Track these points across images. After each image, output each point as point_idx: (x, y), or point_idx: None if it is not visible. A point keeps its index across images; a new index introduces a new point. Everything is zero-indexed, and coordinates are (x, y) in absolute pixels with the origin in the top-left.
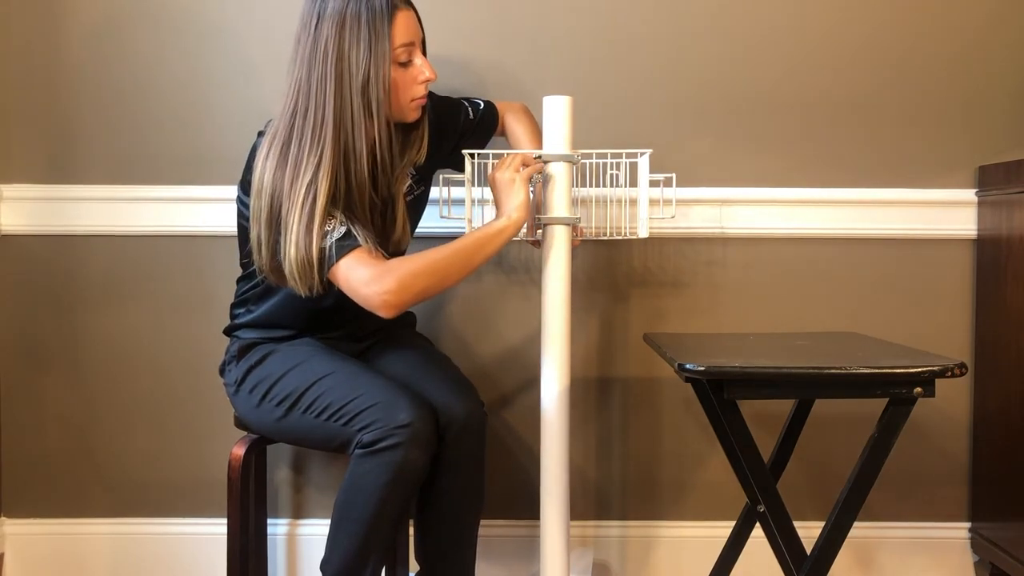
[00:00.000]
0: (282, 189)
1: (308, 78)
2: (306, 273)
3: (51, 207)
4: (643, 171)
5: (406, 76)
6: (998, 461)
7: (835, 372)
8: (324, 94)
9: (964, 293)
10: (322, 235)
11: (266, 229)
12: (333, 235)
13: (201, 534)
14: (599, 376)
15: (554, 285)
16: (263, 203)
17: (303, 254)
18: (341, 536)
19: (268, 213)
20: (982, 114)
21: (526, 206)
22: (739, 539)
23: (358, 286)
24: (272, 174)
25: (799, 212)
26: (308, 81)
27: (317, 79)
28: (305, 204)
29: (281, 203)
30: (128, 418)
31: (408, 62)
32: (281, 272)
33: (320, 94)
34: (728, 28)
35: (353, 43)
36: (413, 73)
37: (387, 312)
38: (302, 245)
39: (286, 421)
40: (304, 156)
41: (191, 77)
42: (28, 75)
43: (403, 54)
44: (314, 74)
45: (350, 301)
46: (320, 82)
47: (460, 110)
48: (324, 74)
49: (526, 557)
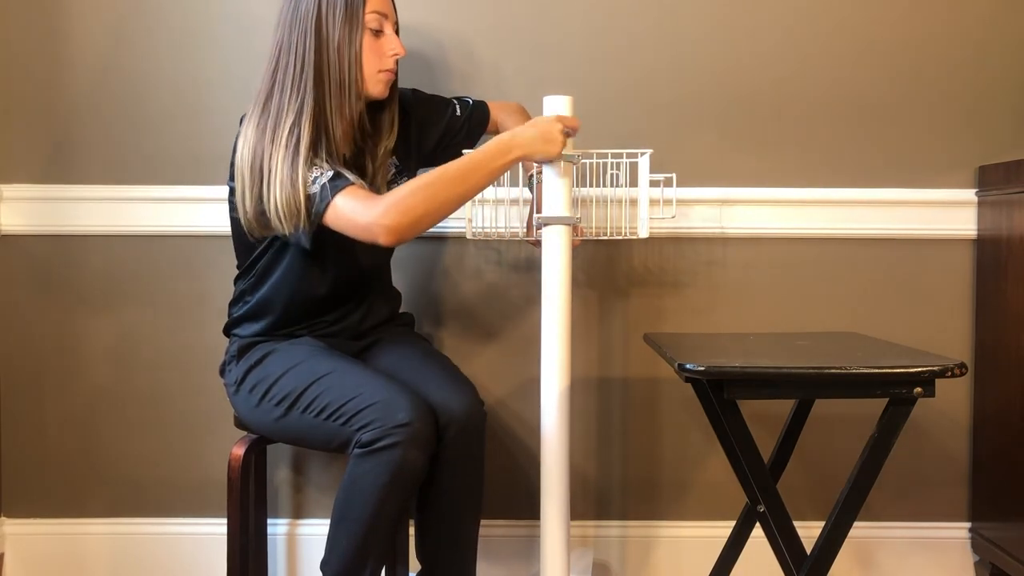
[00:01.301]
0: (264, 137)
1: (289, 38)
2: (292, 212)
3: (51, 207)
4: (643, 171)
5: (376, 44)
6: (998, 461)
7: (835, 372)
8: (304, 49)
9: (964, 293)
10: (308, 179)
11: (249, 178)
12: (322, 179)
13: (201, 534)
14: (599, 376)
15: (554, 285)
16: (246, 154)
17: (288, 192)
18: (340, 536)
19: (251, 163)
20: (982, 114)
21: (541, 146)
22: (739, 539)
23: (355, 217)
24: (255, 126)
25: (799, 212)
26: (289, 40)
27: (297, 38)
28: (289, 144)
29: (263, 150)
30: (128, 418)
31: (379, 31)
32: (265, 220)
33: (300, 50)
34: (728, 28)
35: (331, 6)
36: (383, 43)
37: (389, 238)
38: (287, 183)
39: (285, 421)
40: (285, 104)
41: (189, 77)
42: (28, 75)
43: (374, 20)
44: (295, 34)
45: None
46: (300, 39)
47: (448, 106)
48: (304, 31)
49: (526, 557)
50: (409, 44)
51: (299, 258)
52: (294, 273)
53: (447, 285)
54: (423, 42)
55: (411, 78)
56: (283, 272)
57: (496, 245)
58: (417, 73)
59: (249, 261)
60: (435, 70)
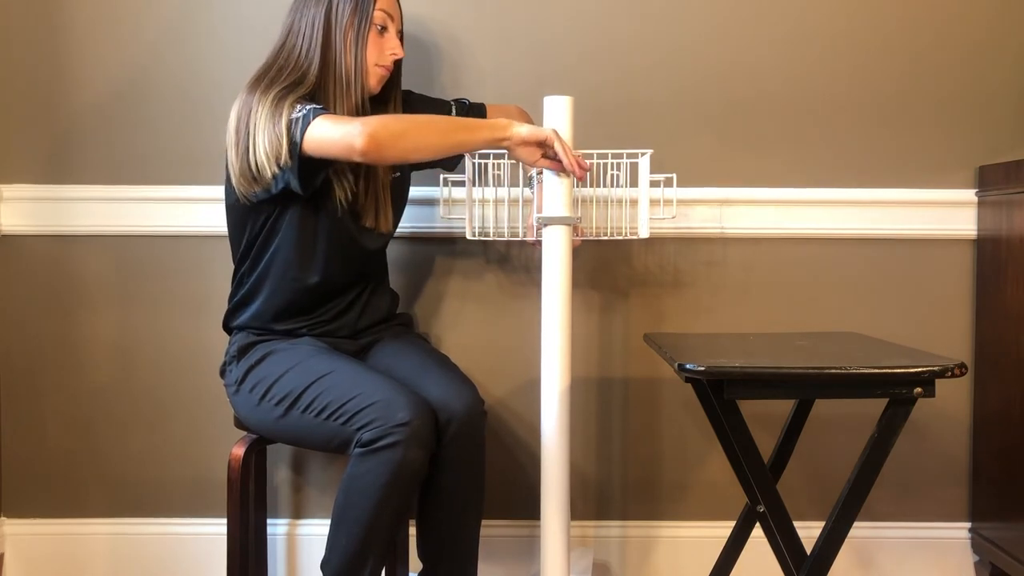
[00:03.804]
0: (252, 101)
1: (299, 22)
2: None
3: (51, 207)
4: (643, 171)
5: (379, 41)
6: (998, 461)
7: (835, 372)
8: (312, 32)
9: (964, 293)
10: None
11: (236, 133)
12: (303, 109)
13: (201, 534)
14: (599, 376)
15: (554, 285)
16: (232, 117)
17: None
18: (341, 536)
19: (236, 125)
20: (982, 114)
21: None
22: (739, 539)
23: (335, 133)
24: (245, 96)
25: (799, 212)
26: (299, 24)
27: (307, 22)
28: (274, 102)
29: (251, 111)
30: (128, 418)
31: (384, 28)
32: (251, 172)
33: (308, 32)
34: (728, 28)
35: None
36: (384, 42)
37: (368, 145)
38: (270, 131)
39: (285, 420)
40: (282, 77)
41: (190, 77)
42: (28, 76)
43: (381, 18)
44: (304, 19)
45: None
46: (309, 24)
47: (445, 107)
48: (314, 16)
49: (526, 557)
50: (409, 44)
51: (292, 234)
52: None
53: (447, 285)
54: (423, 42)
55: (411, 78)
56: (276, 247)
57: (496, 245)
58: (417, 73)
59: (244, 245)
60: (435, 70)
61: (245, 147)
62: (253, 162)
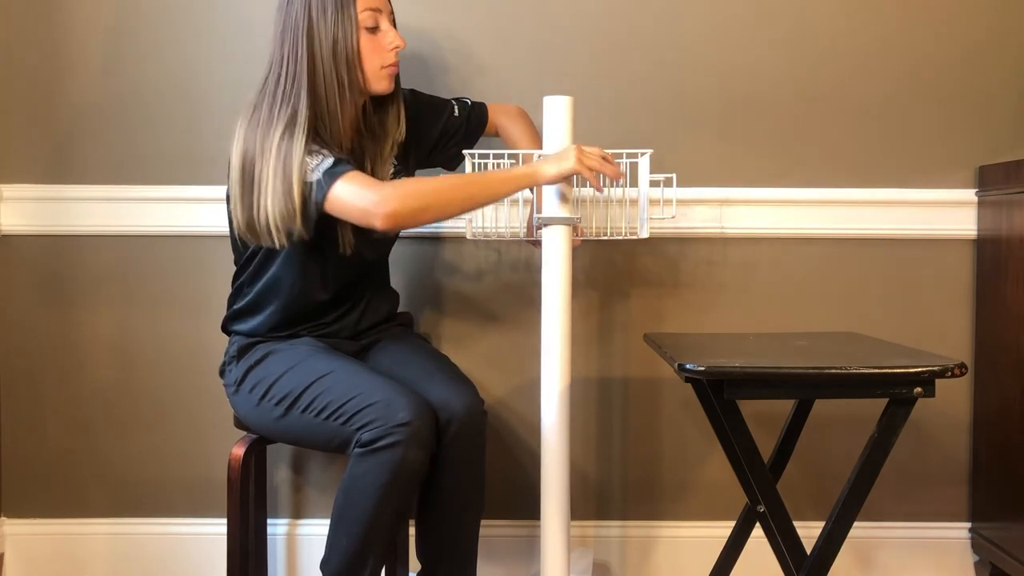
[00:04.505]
0: (254, 146)
1: (281, 49)
2: (286, 218)
3: (51, 207)
4: (643, 171)
5: (374, 42)
6: (998, 461)
7: (835, 372)
8: (296, 59)
9: (964, 293)
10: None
11: (239, 187)
12: (320, 167)
13: (201, 534)
14: (599, 376)
15: (554, 285)
16: (235, 163)
17: (282, 201)
18: (340, 536)
19: (240, 172)
20: (982, 114)
21: (559, 177)
22: (739, 539)
23: (356, 200)
24: (244, 134)
25: (799, 212)
26: (281, 51)
27: (289, 48)
28: (280, 155)
29: (254, 160)
30: (128, 418)
31: (375, 27)
32: (255, 229)
33: (292, 60)
34: (728, 28)
35: (321, 11)
36: (381, 39)
37: (387, 222)
38: (280, 192)
39: (285, 420)
40: (276, 113)
41: (190, 77)
42: (28, 75)
43: (369, 18)
44: (286, 45)
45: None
46: (292, 50)
47: (445, 107)
48: (296, 41)
49: (526, 557)
50: (409, 43)
51: (297, 255)
52: (291, 264)
53: (447, 285)
54: (422, 42)
55: (410, 78)
56: (280, 263)
57: (496, 245)
58: (416, 73)
59: (247, 254)
60: (434, 70)
61: (251, 203)
62: (262, 223)
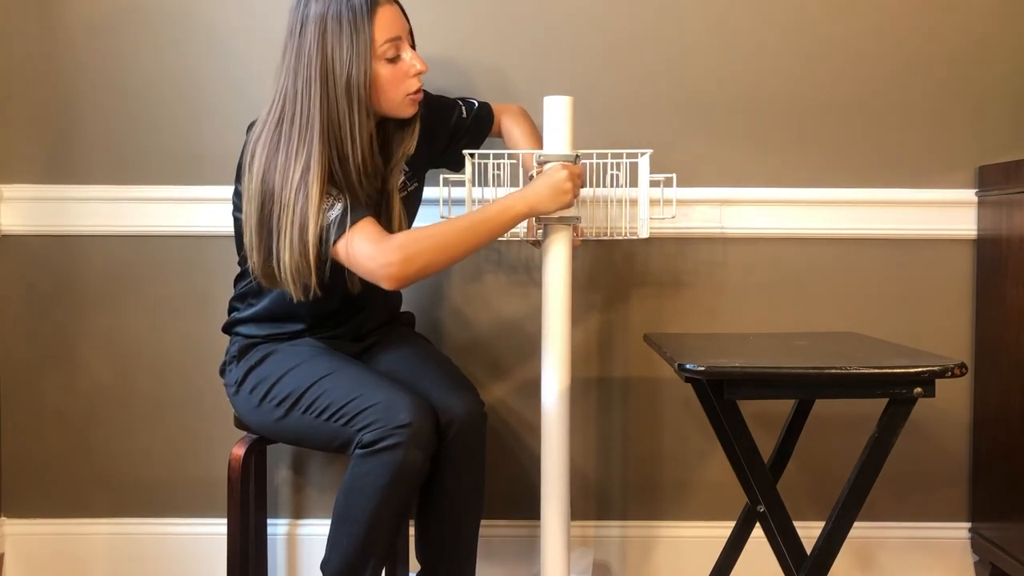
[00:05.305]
0: (272, 193)
1: (294, 83)
2: (302, 273)
3: (51, 207)
4: (643, 171)
5: (397, 71)
6: (998, 461)
7: (835, 372)
8: (310, 97)
9: (964, 293)
10: (318, 229)
11: (257, 234)
12: (331, 214)
13: (201, 534)
14: (599, 376)
15: (554, 285)
16: (253, 208)
17: (298, 257)
18: (341, 536)
19: (259, 217)
20: (982, 114)
21: (551, 199)
22: (739, 539)
23: (362, 260)
24: (260, 179)
25: (799, 212)
26: (294, 86)
27: (303, 83)
28: (296, 206)
29: (272, 207)
30: (128, 418)
31: (396, 57)
32: (274, 276)
33: (306, 97)
34: (728, 28)
35: (336, 44)
36: (403, 68)
37: (391, 284)
38: (296, 248)
39: (286, 421)
40: (292, 158)
41: (190, 77)
42: (28, 75)
43: (389, 50)
44: (300, 79)
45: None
46: (306, 85)
47: (454, 109)
48: (309, 77)
49: (526, 557)
50: None
51: None
52: None
53: (447, 285)
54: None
55: None
56: None
57: (496, 245)
58: None
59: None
60: (435, 70)
61: (269, 249)
62: (278, 273)
